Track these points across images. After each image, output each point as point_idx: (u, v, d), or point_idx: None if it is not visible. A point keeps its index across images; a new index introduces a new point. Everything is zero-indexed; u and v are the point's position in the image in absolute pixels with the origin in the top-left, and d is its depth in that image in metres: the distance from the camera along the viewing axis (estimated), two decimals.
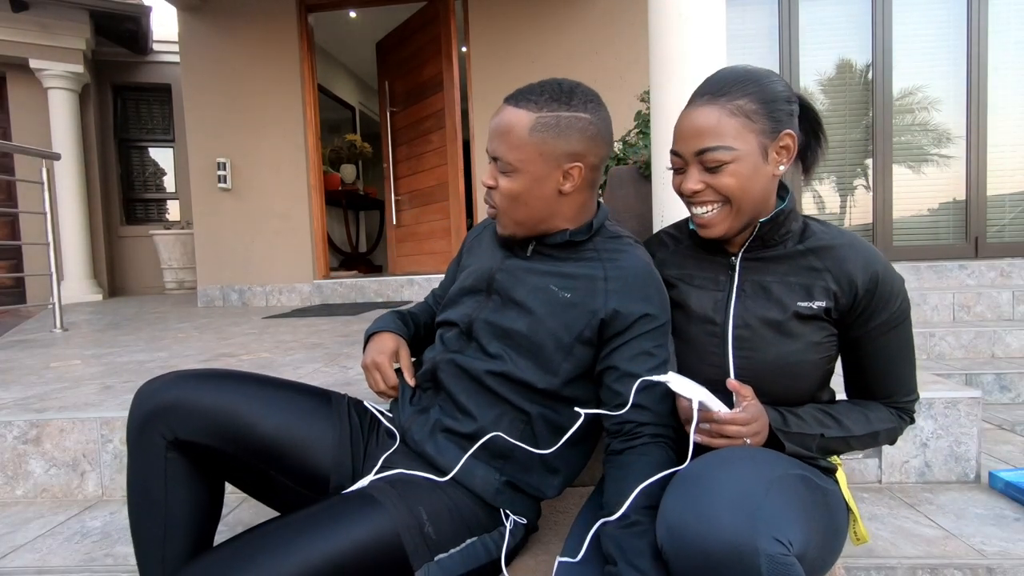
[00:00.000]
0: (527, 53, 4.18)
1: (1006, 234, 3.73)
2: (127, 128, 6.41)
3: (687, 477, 0.73)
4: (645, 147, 2.26)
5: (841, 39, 3.80)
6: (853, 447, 0.89)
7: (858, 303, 0.87)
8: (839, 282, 0.87)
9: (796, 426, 0.84)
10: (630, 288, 0.92)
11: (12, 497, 1.46)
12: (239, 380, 0.95)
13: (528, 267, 0.98)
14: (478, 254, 1.10)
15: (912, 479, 1.42)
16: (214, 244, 4.49)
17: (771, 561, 0.63)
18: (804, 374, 0.88)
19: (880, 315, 0.87)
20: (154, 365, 2.12)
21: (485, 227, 1.14)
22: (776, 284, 0.90)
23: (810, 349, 0.88)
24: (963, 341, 2.78)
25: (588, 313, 0.91)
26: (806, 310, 0.87)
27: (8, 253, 5.85)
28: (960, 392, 1.43)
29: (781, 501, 0.70)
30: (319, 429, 0.96)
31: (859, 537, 0.95)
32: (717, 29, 1.74)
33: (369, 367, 1.06)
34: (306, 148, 4.42)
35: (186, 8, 4.38)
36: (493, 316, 0.97)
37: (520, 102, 0.93)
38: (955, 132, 3.72)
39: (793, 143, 0.88)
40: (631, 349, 0.90)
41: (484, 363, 0.95)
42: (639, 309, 0.90)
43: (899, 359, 0.90)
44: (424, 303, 1.27)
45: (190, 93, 4.46)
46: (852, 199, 3.87)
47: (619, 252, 0.96)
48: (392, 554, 0.80)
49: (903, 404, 0.92)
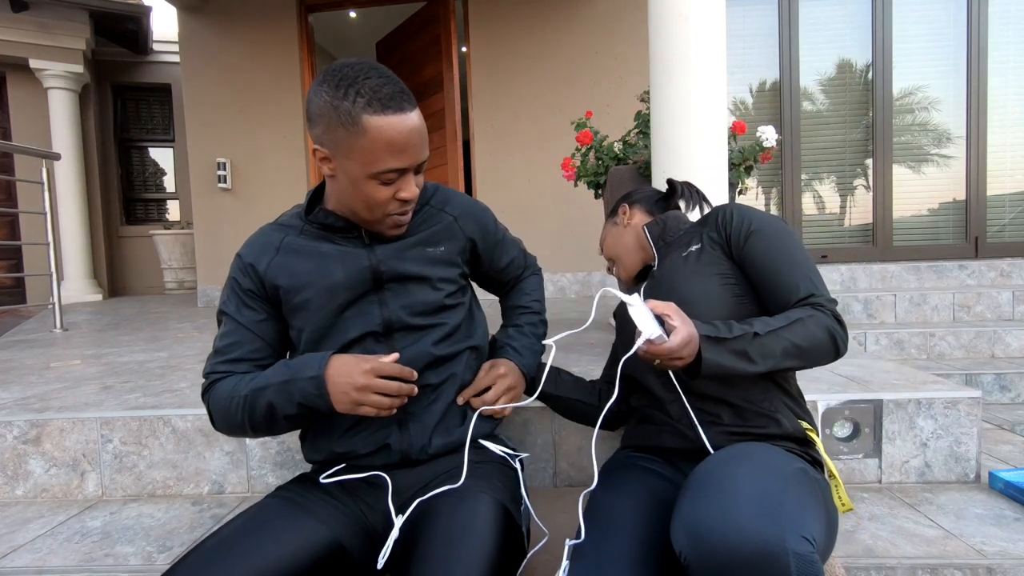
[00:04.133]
0: (527, 53, 4.18)
1: (1006, 234, 3.73)
2: (127, 128, 6.41)
3: (703, 478, 0.73)
4: (645, 147, 2.26)
5: (841, 39, 3.80)
6: (796, 343, 0.87)
7: (723, 232, 1.03)
8: (708, 227, 1.07)
9: (726, 332, 0.86)
10: (473, 217, 1.08)
11: (12, 497, 1.46)
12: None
13: (397, 247, 0.99)
14: (303, 275, 0.97)
15: (912, 479, 1.42)
16: (214, 244, 4.49)
17: (800, 560, 0.62)
18: (709, 299, 0.98)
19: (742, 230, 1.00)
20: (154, 365, 2.12)
21: (271, 254, 0.99)
22: (671, 255, 1.12)
23: (700, 279, 1.01)
24: (963, 341, 2.78)
25: (459, 251, 1.05)
26: (688, 257, 1.06)
27: (8, 253, 5.85)
28: (960, 392, 1.42)
29: (799, 497, 0.70)
30: (303, 531, 0.87)
31: (844, 503, 0.94)
32: (717, 29, 1.74)
33: (362, 390, 0.87)
34: (306, 148, 4.42)
35: (186, 8, 4.38)
36: (402, 300, 0.98)
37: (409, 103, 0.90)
38: (955, 132, 3.73)
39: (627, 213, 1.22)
40: (498, 255, 1.15)
41: (426, 342, 0.99)
42: (486, 228, 1.11)
43: (782, 262, 0.96)
44: (244, 372, 0.98)
45: (190, 93, 4.46)
46: (852, 199, 3.87)
47: (446, 198, 1.07)
48: (514, 524, 0.91)
49: (810, 302, 0.93)
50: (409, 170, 0.90)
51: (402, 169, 0.89)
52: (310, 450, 1.03)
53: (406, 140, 0.87)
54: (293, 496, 0.92)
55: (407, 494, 0.96)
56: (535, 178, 4.20)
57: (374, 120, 0.84)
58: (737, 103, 3.94)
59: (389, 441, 0.97)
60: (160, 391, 1.66)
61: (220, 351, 0.99)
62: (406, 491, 0.96)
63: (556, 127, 4.02)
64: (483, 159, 4.30)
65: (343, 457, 0.99)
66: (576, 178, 2.55)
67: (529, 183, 4.22)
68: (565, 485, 1.42)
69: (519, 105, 4.23)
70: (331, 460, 1.00)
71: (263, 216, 4.39)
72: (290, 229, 1.01)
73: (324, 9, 4.51)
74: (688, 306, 0.93)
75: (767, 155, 2.47)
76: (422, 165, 0.93)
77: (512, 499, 0.95)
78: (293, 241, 0.99)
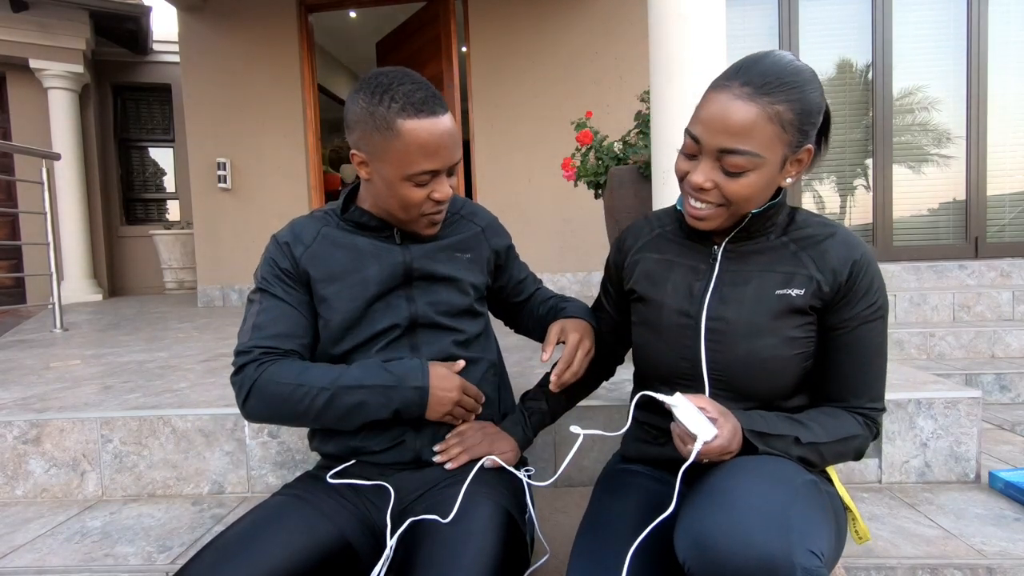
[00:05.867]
0: (527, 53, 4.18)
1: (1006, 234, 3.73)
2: (127, 128, 6.41)
3: (710, 489, 0.71)
4: (645, 147, 2.26)
5: (841, 39, 3.80)
6: (824, 456, 0.83)
7: (838, 291, 0.84)
8: (821, 271, 0.84)
9: (774, 428, 0.81)
10: (496, 231, 1.13)
11: (12, 497, 1.46)
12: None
13: (430, 248, 1.03)
14: (337, 266, 0.99)
15: (912, 479, 1.42)
16: (214, 244, 4.48)
17: (807, 574, 0.61)
18: (778, 371, 0.85)
19: (858, 304, 0.84)
20: (154, 365, 2.12)
21: (308, 242, 1.00)
22: (756, 275, 0.87)
23: (784, 344, 0.84)
24: (963, 341, 2.78)
25: (485, 260, 1.10)
26: (784, 299, 0.85)
27: (8, 253, 5.85)
28: (960, 392, 1.42)
29: (807, 511, 0.68)
30: (309, 528, 0.87)
31: (860, 536, 0.94)
32: (717, 29, 1.74)
33: (456, 405, 0.97)
34: (306, 148, 4.42)
35: (186, 8, 4.38)
36: (429, 298, 1.01)
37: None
38: (955, 132, 3.72)
39: (808, 158, 0.85)
40: (516, 268, 1.19)
41: (447, 342, 1.02)
42: (508, 242, 1.16)
43: (871, 358, 0.86)
44: (290, 350, 0.97)
45: (190, 93, 4.46)
46: (852, 199, 3.87)
47: (472, 211, 1.12)
48: (518, 532, 0.90)
49: (868, 411, 0.87)
50: (442, 171, 0.94)
51: (435, 171, 0.92)
52: (322, 442, 1.03)
53: (438, 142, 0.90)
54: (302, 494, 0.93)
55: (414, 495, 0.96)
56: (535, 178, 4.20)
57: (407, 124, 0.88)
58: None
59: (404, 438, 0.98)
60: (160, 391, 1.66)
61: (260, 326, 0.96)
62: (412, 492, 0.96)
63: (556, 127, 4.02)
64: (483, 159, 4.29)
65: (357, 452, 0.99)
66: (576, 178, 2.55)
67: (529, 183, 4.22)
68: (565, 485, 1.42)
69: (519, 105, 4.23)
70: (344, 455, 1.00)
71: (263, 216, 4.40)
72: (328, 220, 1.04)
73: (324, 9, 4.51)
74: (752, 368, 0.85)
75: None
76: (455, 167, 0.96)
77: (517, 506, 0.94)
78: (330, 232, 1.02)
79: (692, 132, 0.82)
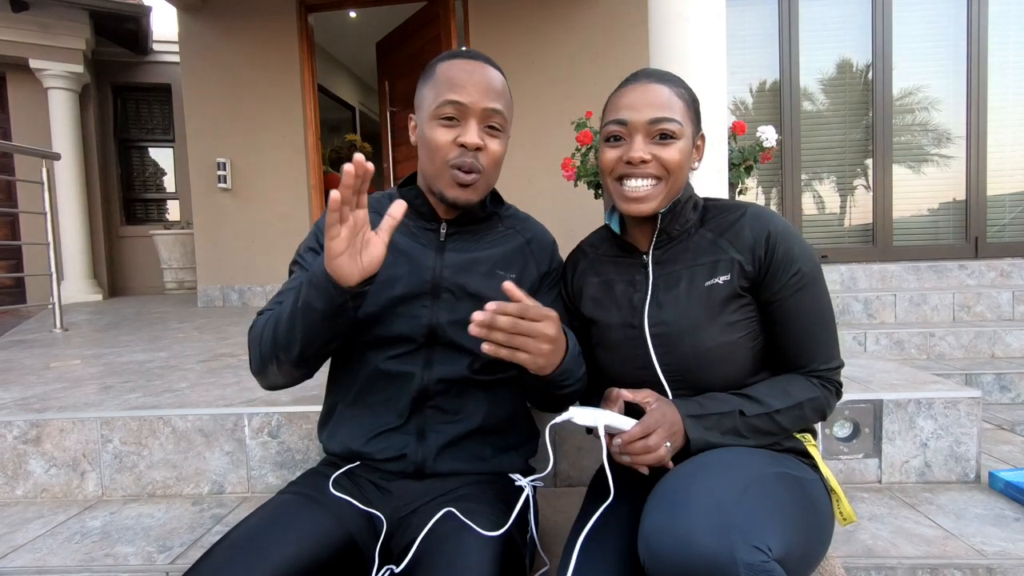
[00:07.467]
0: (527, 53, 4.18)
1: (1006, 234, 3.73)
2: (127, 128, 6.41)
3: (663, 492, 0.73)
4: None
5: (841, 39, 3.80)
6: (782, 424, 0.85)
7: (760, 267, 0.88)
8: (740, 251, 0.89)
9: (711, 408, 0.83)
10: (544, 249, 1.08)
11: (12, 497, 1.46)
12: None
13: (467, 259, 0.99)
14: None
15: (912, 479, 1.42)
16: (214, 244, 4.49)
17: (751, 570, 0.63)
18: (727, 357, 0.88)
19: (783, 274, 0.87)
20: (154, 365, 2.12)
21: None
22: (684, 272, 0.92)
23: (725, 331, 0.88)
24: (963, 341, 2.78)
25: (530, 280, 1.03)
26: (713, 289, 0.89)
27: (8, 253, 5.85)
28: (960, 392, 1.42)
29: (756, 506, 0.69)
30: (317, 525, 0.87)
31: (845, 517, 0.93)
32: (717, 29, 1.74)
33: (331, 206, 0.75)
34: (306, 148, 4.42)
35: (186, 8, 4.38)
36: (454, 315, 0.96)
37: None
38: (955, 132, 3.73)
39: (703, 145, 0.96)
40: (549, 295, 1.07)
41: (462, 365, 0.96)
42: (556, 262, 1.09)
43: (813, 324, 0.88)
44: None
45: (190, 93, 4.46)
46: (852, 199, 3.87)
47: (521, 219, 1.09)
48: (516, 556, 0.87)
49: (822, 372, 0.88)
50: (470, 112, 0.91)
51: (460, 104, 0.90)
52: (329, 440, 1.03)
53: (467, 78, 0.91)
54: (308, 492, 0.93)
55: (414, 505, 0.95)
56: (535, 178, 4.20)
57: (443, 64, 0.94)
58: (737, 103, 3.93)
59: (406, 451, 0.97)
60: (160, 391, 1.66)
61: (282, 292, 0.97)
62: (413, 502, 0.96)
63: (556, 127, 4.02)
64: None
65: (360, 456, 0.99)
66: (576, 178, 2.55)
67: (529, 183, 4.22)
68: (565, 485, 1.42)
69: (519, 105, 4.21)
70: (349, 456, 1.00)
71: (263, 216, 4.40)
72: (380, 204, 1.00)
73: (324, 9, 4.51)
74: (701, 361, 0.88)
75: (767, 155, 2.47)
76: (490, 119, 0.93)
77: (518, 524, 0.90)
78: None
79: (617, 118, 0.91)
